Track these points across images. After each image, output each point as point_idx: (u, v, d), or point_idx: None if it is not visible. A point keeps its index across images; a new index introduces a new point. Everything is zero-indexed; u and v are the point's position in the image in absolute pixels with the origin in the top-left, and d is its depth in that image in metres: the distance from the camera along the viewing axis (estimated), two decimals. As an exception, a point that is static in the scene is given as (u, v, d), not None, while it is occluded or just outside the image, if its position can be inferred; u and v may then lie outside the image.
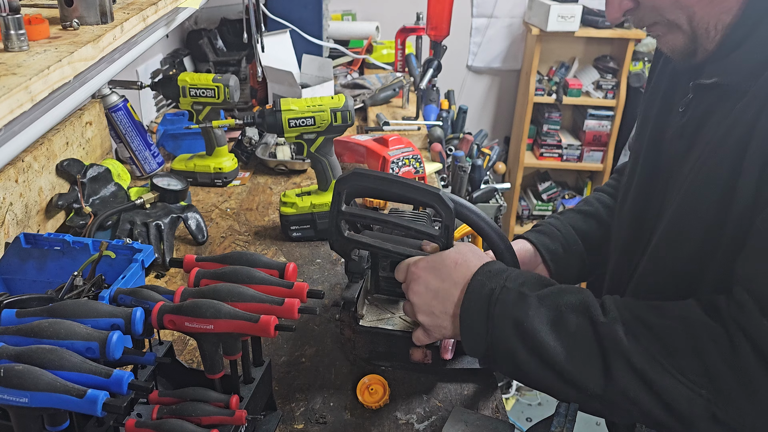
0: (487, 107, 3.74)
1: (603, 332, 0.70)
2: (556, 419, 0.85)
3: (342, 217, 0.89)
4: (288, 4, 2.22)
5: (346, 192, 0.88)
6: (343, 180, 0.87)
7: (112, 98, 1.54)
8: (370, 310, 1.01)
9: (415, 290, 0.83)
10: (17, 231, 1.15)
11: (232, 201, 1.58)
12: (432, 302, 0.82)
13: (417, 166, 1.62)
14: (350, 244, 0.92)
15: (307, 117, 1.28)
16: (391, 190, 0.87)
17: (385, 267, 0.98)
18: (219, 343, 0.74)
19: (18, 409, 0.63)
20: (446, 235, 0.86)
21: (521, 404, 3.03)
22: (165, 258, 1.26)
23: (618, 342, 0.69)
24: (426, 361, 0.95)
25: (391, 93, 2.28)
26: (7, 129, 0.85)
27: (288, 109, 1.29)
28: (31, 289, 1.03)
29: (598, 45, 3.44)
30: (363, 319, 0.98)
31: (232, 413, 0.74)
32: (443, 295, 0.81)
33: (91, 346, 0.67)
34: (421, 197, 0.85)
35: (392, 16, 3.02)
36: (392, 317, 0.99)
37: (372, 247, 0.91)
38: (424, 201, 0.85)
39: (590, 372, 0.70)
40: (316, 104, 1.29)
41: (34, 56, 0.85)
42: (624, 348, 0.68)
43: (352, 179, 0.87)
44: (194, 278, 0.81)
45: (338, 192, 0.88)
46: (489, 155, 2.39)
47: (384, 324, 0.98)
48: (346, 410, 0.94)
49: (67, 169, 1.30)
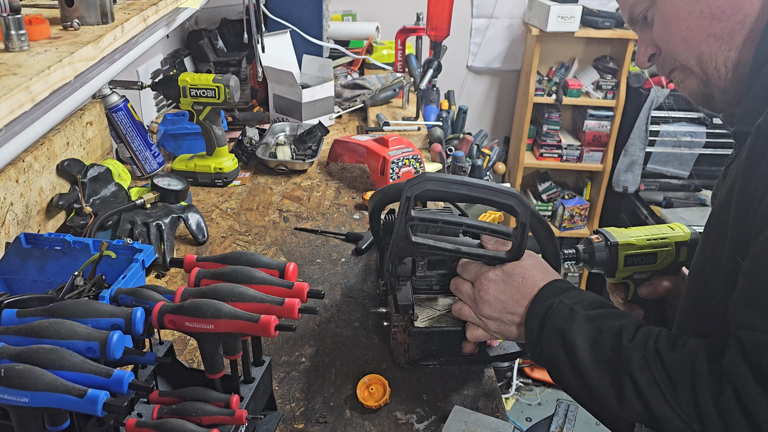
0: (487, 107, 3.74)
1: (623, 355, 0.75)
2: (556, 419, 0.85)
3: (411, 222, 0.88)
4: (288, 5, 2.22)
5: (414, 197, 0.87)
6: (413, 185, 0.86)
7: (112, 98, 1.54)
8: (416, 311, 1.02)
9: (485, 299, 0.90)
10: (18, 231, 1.15)
11: (232, 201, 1.58)
12: (502, 313, 0.89)
13: (417, 166, 1.62)
14: (415, 249, 0.91)
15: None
16: (463, 192, 0.87)
17: (423, 266, 1.00)
18: (219, 343, 0.75)
19: (18, 409, 0.63)
20: (521, 233, 0.87)
21: (521, 404, 3.03)
22: (165, 258, 1.26)
23: (631, 366, 0.73)
24: (475, 352, 0.99)
25: (391, 93, 2.28)
26: (8, 129, 0.85)
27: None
28: (32, 289, 1.04)
29: (598, 45, 3.44)
30: (417, 321, 0.98)
31: (233, 413, 0.74)
32: (512, 307, 0.88)
33: (92, 345, 0.67)
34: (497, 197, 0.86)
35: (392, 16, 3.02)
36: (440, 315, 0.99)
37: (443, 250, 0.92)
38: (500, 201, 0.86)
39: (608, 389, 0.75)
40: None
41: (34, 56, 0.85)
42: (634, 372, 0.73)
43: (422, 184, 0.86)
44: (194, 278, 0.81)
45: (407, 197, 0.86)
46: (489, 155, 2.39)
47: (437, 323, 0.98)
48: (346, 410, 0.94)
49: (67, 169, 1.30)
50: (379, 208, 1.03)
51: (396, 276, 0.98)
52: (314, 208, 1.56)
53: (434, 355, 1.00)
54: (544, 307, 0.84)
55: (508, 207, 0.86)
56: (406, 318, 0.97)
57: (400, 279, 0.99)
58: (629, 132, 3.30)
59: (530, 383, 3.15)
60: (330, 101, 2.05)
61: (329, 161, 1.80)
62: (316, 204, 1.58)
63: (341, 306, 1.18)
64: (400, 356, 1.01)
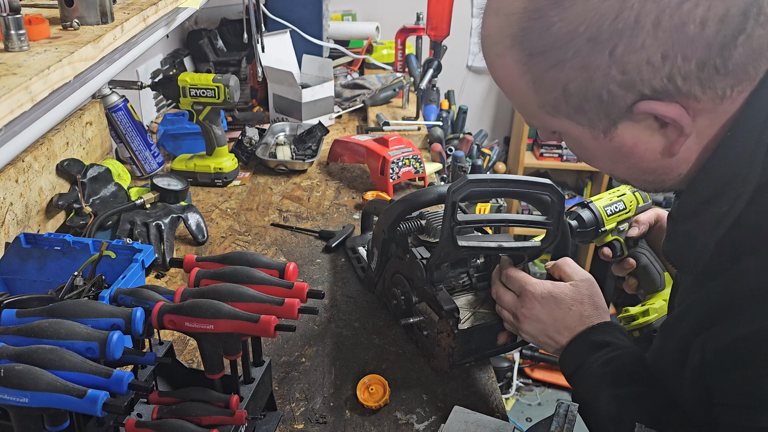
0: (487, 107, 3.74)
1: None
2: (556, 419, 0.85)
3: (457, 226, 0.88)
4: (288, 4, 2.22)
5: (460, 200, 0.87)
6: (458, 189, 0.86)
7: (112, 98, 1.54)
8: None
9: (527, 316, 0.90)
10: (17, 231, 1.15)
11: (232, 201, 1.58)
12: (540, 334, 0.90)
13: (417, 166, 1.62)
14: (460, 252, 0.92)
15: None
16: (506, 189, 0.90)
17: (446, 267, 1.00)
18: (219, 343, 0.74)
19: (18, 409, 0.63)
20: (557, 220, 0.90)
21: (521, 404, 3.03)
22: (165, 258, 1.26)
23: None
24: (509, 341, 1.00)
25: (391, 93, 2.28)
26: (8, 129, 0.85)
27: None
28: (32, 289, 1.04)
29: (598, 45, 3.44)
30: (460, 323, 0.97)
31: (232, 413, 0.74)
32: (552, 333, 0.89)
33: (92, 346, 0.67)
34: (535, 189, 0.89)
35: (392, 16, 3.02)
36: (475, 312, 0.99)
37: (487, 248, 0.95)
38: (537, 192, 0.89)
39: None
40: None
41: (34, 56, 0.85)
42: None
43: (467, 186, 0.86)
44: (194, 278, 0.81)
45: (453, 202, 0.86)
46: (489, 155, 2.39)
47: (476, 321, 0.97)
48: (346, 410, 0.94)
49: (67, 169, 1.30)
50: (401, 218, 1.04)
51: (432, 282, 0.97)
52: (314, 208, 1.55)
53: (473, 352, 1.00)
54: (577, 361, 0.85)
55: (543, 197, 0.89)
56: (451, 322, 0.95)
57: (435, 284, 0.97)
58: (629, 132, 3.30)
59: (530, 383, 3.14)
60: (330, 101, 2.05)
61: (329, 161, 1.80)
62: (316, 204, 1.58)
63: (341, 306, 1.18)
64: (443, 361, 0.99)
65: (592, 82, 0.60)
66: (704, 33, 0.55)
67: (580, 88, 0.61)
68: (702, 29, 0.55)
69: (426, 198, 1.03)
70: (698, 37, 0.55)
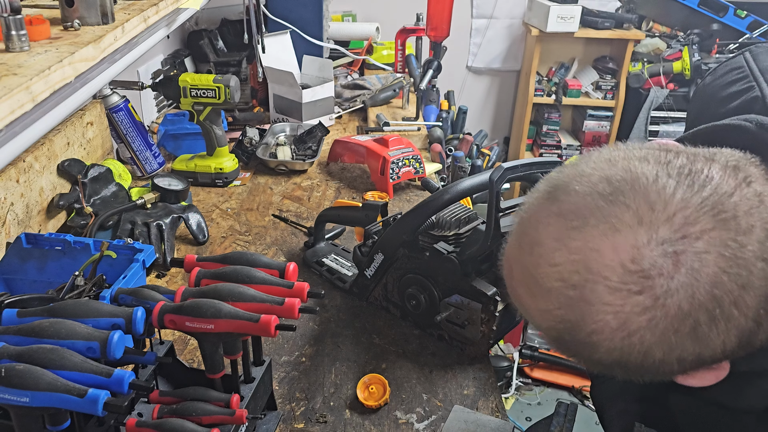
0: (486, 108, 3.74)
1: None
2: (556, 419, 0.85)
3: (501, 212, 0.92)
4: (288, 5, 2.22)
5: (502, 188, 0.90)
6: (499, 179, 0.88)
7: (113, 98, 1.54)
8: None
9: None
10: (18, 231, 1.16)
11: (232, 201, 1.58)
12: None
13: (417, 166, 1.62)
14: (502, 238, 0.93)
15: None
16: (533, 172, 0.94)
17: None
18: (219, 342, 0.75)
19: (19, 409, 0.63)
20: None
21: (521, 404, 3.03)
22: (166, 258, 1.26)
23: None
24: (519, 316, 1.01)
25: (391, 93, 2.28)
26: (8, 129, 0.85)
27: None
28: (32, 289, 1.04)
29: (598, 46, 3.44)
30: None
31: (233, 413, 0.74)
32: None
33: (92, 345, 0.67)
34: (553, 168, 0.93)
35: (392, 17, 3.02)
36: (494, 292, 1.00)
37: None
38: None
39: None
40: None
41: (35, 57, 0.85)
42: None
43: (505, 174, 0.89)
44: (195, 278, 0.81)
45: (497, 192, 0.89)
46: (489, 156, 2.40)
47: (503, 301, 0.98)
48: (347, 410, 0.94)
49: (68, 170, 1.30)
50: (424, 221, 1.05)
51: (466, 273, 0.99)
52: (314, 208, 1.56)
53: (503, 332, 1.03)
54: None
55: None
56: (492, 307, 0.98)
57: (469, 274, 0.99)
58: (629, 132, 3.30)
59: (530, 383, 3.14)
60: (330, 101, 2.06)
61: (329, 161, 1.80)
62: (316, 204, 1.58)
63: (341, 306, 1.18)
64: (483, 346, 1.02)
65: None
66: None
67: None
68: None
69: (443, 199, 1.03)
70: None
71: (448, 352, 1.06)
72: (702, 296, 0.47)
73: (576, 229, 0.50)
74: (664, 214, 0.48)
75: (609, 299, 0.49)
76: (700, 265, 0.47)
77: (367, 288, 1.16)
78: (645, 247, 0.47)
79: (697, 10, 3.21)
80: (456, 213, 1.06)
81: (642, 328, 0.49)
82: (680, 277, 0.47)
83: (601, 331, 0.50)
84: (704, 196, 0.48)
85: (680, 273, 0.47)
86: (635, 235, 0.48)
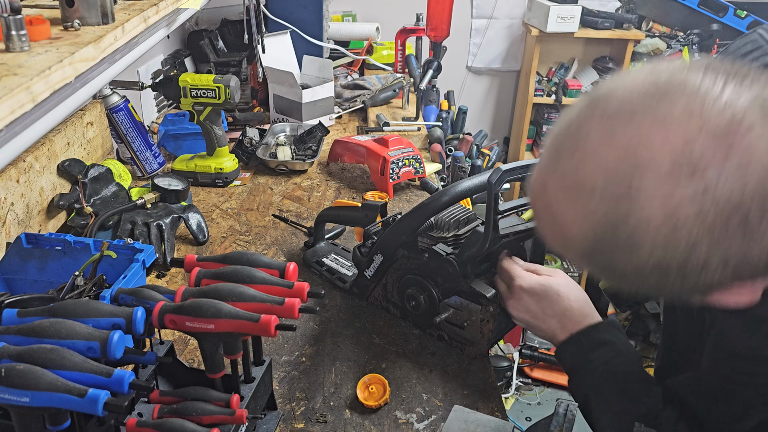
0: (486, 108, 3.74)
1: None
2: (555, 419, 0.85)
3: (499, 215, 0.93)
4: (288, 5, 2.22)
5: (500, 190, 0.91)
6: (497, 181, 0.88)
7: (113, 99, 1.54)
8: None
9: (515, 306, 0.96)
10: (18, 231, 1.16)
11: (232, 201, 1.58)
12: (530, 320, 0.96)
13: (417, 166, 1.62)
14: (500, 240, 0.96)
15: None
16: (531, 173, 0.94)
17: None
18: (220, 342, 0.75)
19: (19, 409, 0.63)
20: None
21: (521, 404, 3.03)
22: (166, 258, 1.26)
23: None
24: None
25: (391, 94, 2.28)
26: (9, 129, 0.85)
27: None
28: (32, 289, 1.04)
29: (598, 46, 3.44)
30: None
31: (233, 412, 0.74)
32: (540, 321, 0.94)
33: (92, 345, 0.67)
34: None
35: (392, 17, 3.02)
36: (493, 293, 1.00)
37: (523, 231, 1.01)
38: None
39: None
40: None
41: (35, 57, 0.85)
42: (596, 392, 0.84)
43: (503, 177, 0.89)
44: (195, 278, 0.81)
45: (495, 194, 0.89)
46: (488, 156, 2.39)
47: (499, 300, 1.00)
48: (347, 409, 0.94)
49: (68, 170, 1.30)
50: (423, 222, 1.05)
51: (465, 274, 0.99)
52: (314, 208, 1.56)
53: (502, 331, 1.04)
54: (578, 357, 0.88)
55: None
56: (491, 308, 0.98)
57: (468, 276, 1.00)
58: (629, 132, 3.29)
59: (530, 383, 3.14)
60: (330, 101, 2.06)
61: (329, 161, 1.81)
62: (317, 204, 1.58)
63: (341, 306, 1.18)
64: (483, 347, 1.03)
65: None
66: None
67: None
68: None
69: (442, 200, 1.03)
70: None
71: (448, 352, 1.06)
72: (752, 188, 0.46)
73: (623, 124, 0.49)
74: (714, 109, 0.47)
75: (657, 190, 0.47)
76: (750, 157, 0.46)
77: (367, 288, 1.16)
78: (695, 139, 0.47)
79: (697, 10, 3.20)
80: (455, 214, 1.06)
81: (690, 219, 0.47)
82: (730, 168, 0.46)
83: (647, 226, 0.49)
84: (754, 93, 0.48)
85: (731, 164, 0.46)
86: (686, 127, 0.47)
